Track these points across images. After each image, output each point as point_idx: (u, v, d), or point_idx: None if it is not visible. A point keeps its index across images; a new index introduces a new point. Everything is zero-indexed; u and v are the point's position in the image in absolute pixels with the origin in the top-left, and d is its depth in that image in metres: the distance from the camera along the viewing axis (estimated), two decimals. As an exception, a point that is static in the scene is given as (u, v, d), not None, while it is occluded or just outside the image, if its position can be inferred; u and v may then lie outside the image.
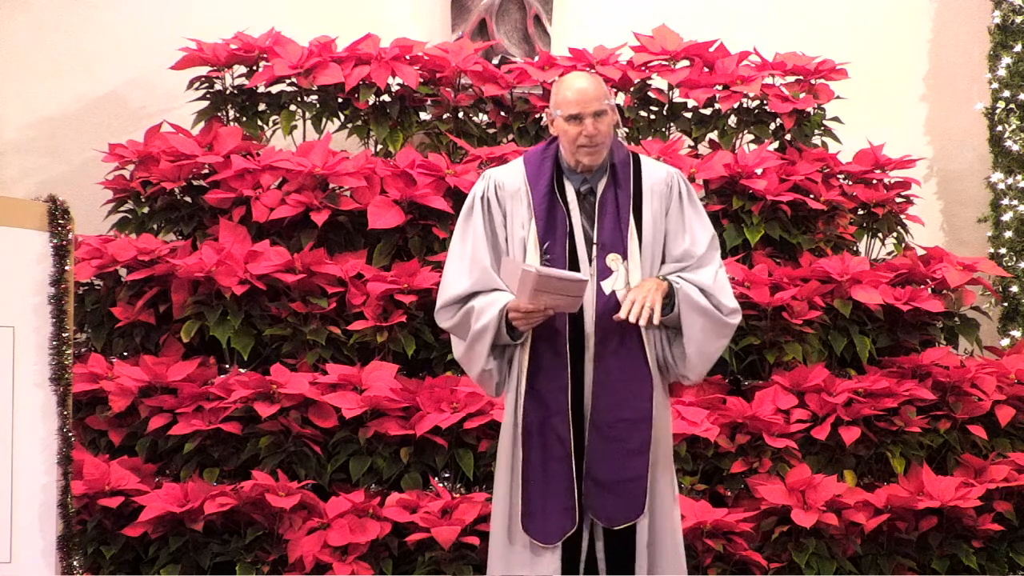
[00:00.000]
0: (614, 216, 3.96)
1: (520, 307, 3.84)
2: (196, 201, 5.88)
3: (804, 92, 6.19)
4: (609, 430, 3.92)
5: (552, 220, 3.97)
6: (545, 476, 3.93)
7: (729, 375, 5.78)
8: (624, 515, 3.93)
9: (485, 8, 6.42)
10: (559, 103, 3.97)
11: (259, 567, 5.13)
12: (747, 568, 5.28)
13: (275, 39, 6.04)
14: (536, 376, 3.95)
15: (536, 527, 3.93)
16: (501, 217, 4.03)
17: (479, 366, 3.98)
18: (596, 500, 3.92)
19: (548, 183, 3.99)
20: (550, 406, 3.93)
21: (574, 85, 3.98)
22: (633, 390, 3.94)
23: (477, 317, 3.93)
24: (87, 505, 5.10)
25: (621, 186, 4.00)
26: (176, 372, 5.38)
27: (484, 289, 3.96)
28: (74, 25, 6.50)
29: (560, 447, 3.92)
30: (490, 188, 4.05)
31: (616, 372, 3.93)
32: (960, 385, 5.65)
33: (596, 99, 3.93)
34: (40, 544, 4.13)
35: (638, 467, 3.93)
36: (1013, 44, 6.58)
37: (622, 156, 4.04)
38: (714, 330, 3.97)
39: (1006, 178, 6.54)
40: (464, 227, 4.05)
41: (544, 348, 3.95)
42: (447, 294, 4.00)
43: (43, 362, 4.15)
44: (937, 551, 5.47)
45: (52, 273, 4.17)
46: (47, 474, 4.15)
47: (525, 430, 3.95)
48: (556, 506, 3.92)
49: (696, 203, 4.08)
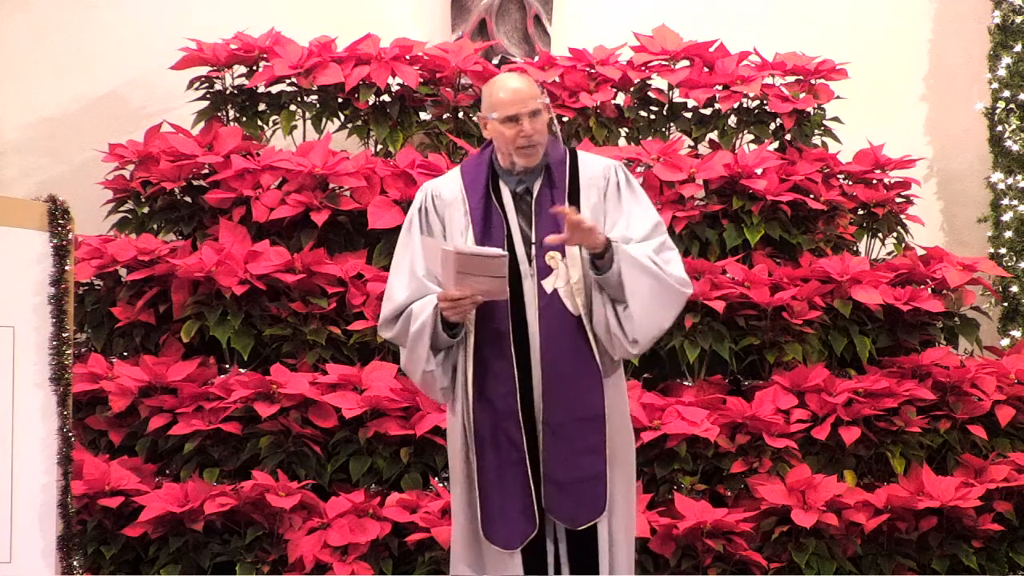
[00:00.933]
0: (551, 214, 3.91)
1: (448, 295, 3.81)
2: (196, 201, 5.88)
3: (804, 92, 6.18)
4: (562, 430, 3.88)
5: (489, 223, 3.95)
6: (501, 481, 3.90)
7: (729, 375, 5.78)
8: (585, 515, 3.90)
9: (485, 8, 6.42)
10: (493, 105, 3.93)
11: (259, 567, 5.13)
12: (747, 568, 5.28)
13: (275, 39, 6.04)
14: (483, 380, 3.92)
15: (497, 533, 3.90)
16: (440, 227, 4.01)
17: (421, 367, 3.93)
18: (556, 502, 3.88)
19: (484, 187, 3.97)
20: (500, 410, 3.90)
21: (508, 85, 3.95)
22: (582, 388, 3.91)
23: (414, 319, 3.91)
24: (87, 505, 5.10)
25: (557, 184, 3.97)
26: (176, 372, 5.38)
27: (420, 297, 3.94)
28: (74, 25, 6.50)
29: (514, 451, 3.89)
30: (427, 199, 4.05)
31: (564, 371, 3.89)
32: (960, 385, 5.65)
33: (531, 98, 3.90)
34: (40, 544, 4.13)
35: (595, 466, 3.90)
36: (1013, 44, 6.58)
37: (558, 155, 4.01)
38: (664, 292, 3.88)
39: (1006, 178, 6.53)
40: (404, 240, 4.04)
41: (489, 352, 3.91)
42: (387, 308, 3.99)
43: (43, 362, 4.16)
44: (937, 551, 5.47)
45: (52, 273, 4.17)
46: (47, 474, 4.15)
47: (478, 436, 3.92)
48: (515, 510, 3.88)
49: (636, 190, 4.03)
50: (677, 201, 5.83)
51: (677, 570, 5.25)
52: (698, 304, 5.57)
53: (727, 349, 5.60)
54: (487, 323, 3.90)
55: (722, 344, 5.59)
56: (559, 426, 3.88)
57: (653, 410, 5.40)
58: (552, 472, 3.88)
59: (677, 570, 5.25)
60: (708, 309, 5.59)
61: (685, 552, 5.26)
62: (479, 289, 3.79)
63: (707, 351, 5.60)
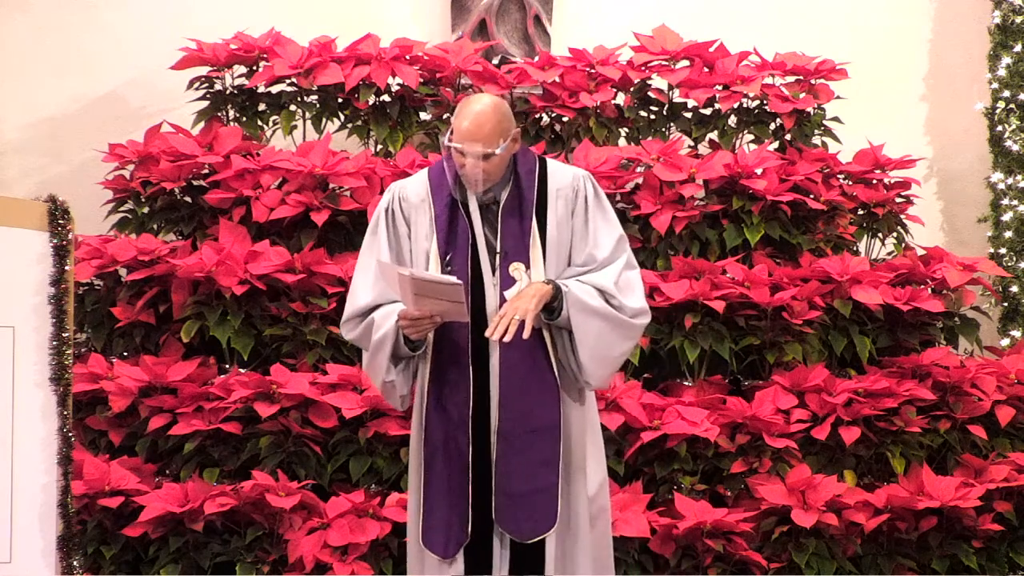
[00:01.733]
0: (517, 225, 3.90)
1: (408, 314, 3.80)
2: (196, 201, 5.88)
3: (804, 92, 6.18)
4: (516, 441, 3.86)
5: (454, 231, 3.91)
6: (445, 489, 3.89)
7: (729, 375, 5.78)
8: (532, 528, 3.87)
9: (485, 8, 6.42)
10: (453, 126, 3.87)
11: (259, 567, 5.13)
12: (747, 568, 5.28)
13: (275, 39, 6.04)
14: (440, 388, 3.91)
15: (434, 540, 3.90)
16: (406, 228, 3.99)
17: (380, 377, 3.94)
18: (506, 513, 3.86)
19: (450, 194, 3.93)
20: (453, 418, 3.89)
21: (469, 116, 3.83)
22: (539, 399, 3.89)
23: (376, 328, 3.90)
24: (87, 505, 5.10)
25: (524, 195, 3.92)
26: (176, 372, 5.38)
27: (385, 302, 3.92)
28: (74, 25, 6.50)
29: (460, 460, 3.88)
30: (395, 201, 4.01)
31: (521, 382, 3.87)
32: (960, 385, 5.65)
33: (485, 142, 3.81)
34: (40, 544, 4.13)
35: (547, 478, 3.88)
36: (1013, 44, 6.58)
37: (527, 165, 3.96)
38: (614, 332, 3.87)
39: (1006, 178, 6.53)
40: (370, 241, 4.02)
41: (447, 360, 3.90)
42: (350, 307, 3.98)
43: (43, 362, 4.15)
44: (937, 551, 5.47)
45: (52, 273, 4.17)
46: (47, 474, 4.15)
47: (429, 443, 3.92)
48: (454, 518, 3.87)
49: (603, 204, 3.99)
50: (677, 201, 5.83)
51: (677, 570, 5.25)
52: (698, 304, 5.58)
53: (727, 349, 5.60)
54: (447, 331, 3.88)
55: (722, 344, 5.59)
56: (513, 436, 3.86)
57: (653, 410, 5.40)
58: (504, 483, 3.86)
59: (677, 570, 5.25)
60: (708, 309, 5.59)
61: (685, 552, 5.26)
62: (438, 310, 3.78)
63: (707, 351, 5.60)
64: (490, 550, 3.89)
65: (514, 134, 3.88)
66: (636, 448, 5.35)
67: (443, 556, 3.88)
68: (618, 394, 5.33)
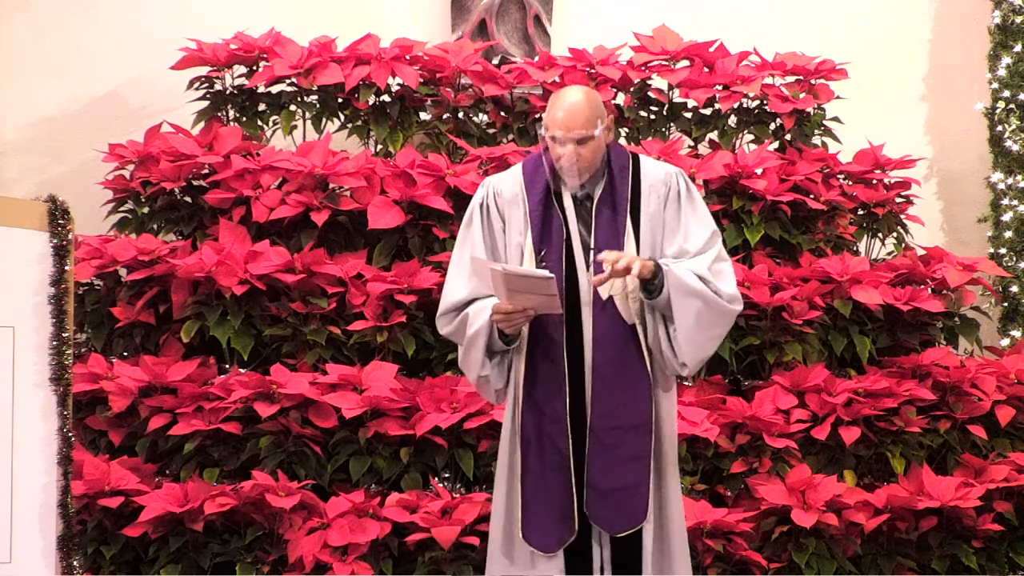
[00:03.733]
0: (611, 221, 3.94)
1: (501, 308, 3.83)
2: (196, 201, 5.88)
3: (804, 92, 6.18)
4: (608, 438, 3.90)
5: (548, 226, 3.95)
6: (544, 486, 3.92)
7: (729, 375, 5.78)
8: (626, 522, 3.92)
9: (485, 8, 6.42)
10: (547, 120, 3.92)
11: (259, 567, 5.13)
12: (747, 568, 5.28)
13: (275, 39, 6.04)
14: (534, 384, 3.94)
15: (535, 536, 3.93)
16: (500, 224, 4.02)
17: (475, 372, 3.98)
18: (598, 508, 3.91)
19: (544, 189, 3.97)
20: (547, 415, 3.92)
21: (564, 105, 3.90)
22: (631, 397, 3.92)
23: (471, 323, 3.93)
24: (87, 505, 5.10)
25: (618, 191, 3.96)
26: (176, 372, 5.38)
27: (479, 296, 3.96)
28: (74, 25, 6.50)
29: (558, 457, 3.91)
30: (489, 195, 4.05)
31: (614, 379, 3.90)
32: (960, 385, 5.65)
33: (582, 125, 3.86)
34: (40, 544, 4.13)
35: (638, 474, 3.91)
36: (1013, 44, 6.57)
37: (621, 160, 4.01)
38: (711, 314, 3.90)
39: (1006, 178, 6.53)
40: (464, 235, 4.06)
41: (541, 356, 3.93)
42: (446, 302, 4.02)
43: (43, 362, 4.15)
44: (937, 551, 5.47)
45: (52, 273, 4.17)
46: (47, 474, 4.15)
47: (524, 439, 3.95)
48: (555, 516, 3.91)
49: (695, 200, 4.04)
50: (677, 201, 5.83)
51: (677, 570, 5.25)
52: (698, 304, 5.57)
53: (727, 349, 5.60)
54: (542, 327, 3.91)
55: (722, 344, 5.59)
56: (605, 433, 3.90)
57: (653, 410, 5.40)
58: (595, 479, 3.90)
59: (677, 570, 5.25)
60: (708, 309, 5.58)
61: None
62: (531, 304, 3.80)
63: (707, 351, 5.60)
64: (588, 549, 3.92)
65: (608, 122, 3.92)
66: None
67: (544, 551, 3.90)
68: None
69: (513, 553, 3.98)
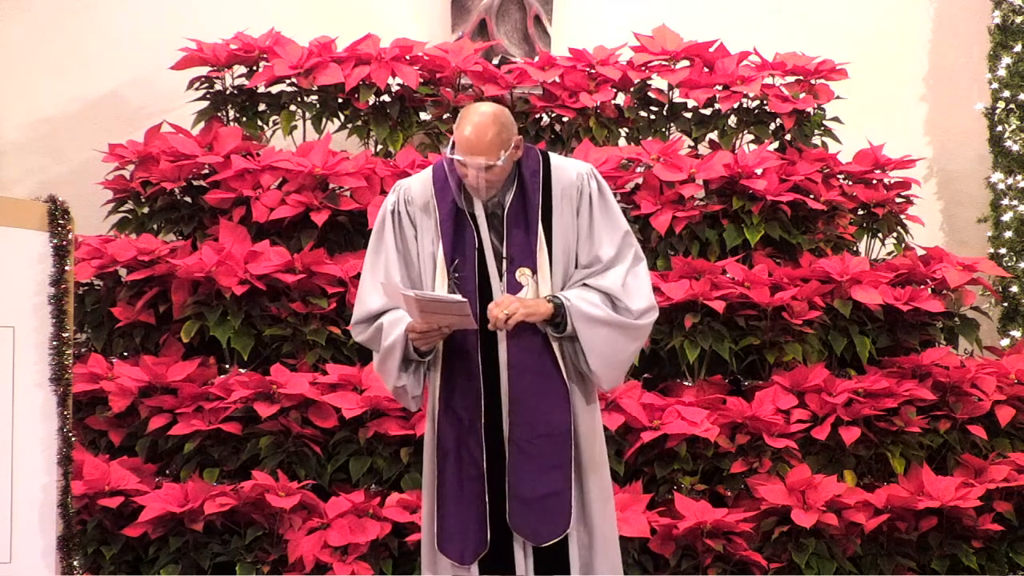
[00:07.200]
0: (523, 229, 3.88)
1: (416, 328, 3.80)
2: (196, 201, 5.88)
3: (804, 92, 6.18)
4: (528, 446, 3.86)
5: (460, 236, 3.89)
6: (461, 497, 3.88)
7: (729, 375, 5.78)
8: (549, 531, 3.87)
9: (485, 8, 6.42)
10: (454, 138, 3.85)
11: (259, 567, 5.13)
12: (747, 568, 5.28)
13: (275, 39, 6.04)
14: (451, 395, 3.90)
15: (451, 548, 3.90)
16: (412, 231, 3.96)
17: (392, 382, 3.95)
18: (520, 518, 3.86)
19: (453, 199, 3.90)
20: (464, 425, 3.88)
21: (468, 130, 3.79)
22: (549, 405, 3.88)
23: (386, 335, 3.89)
24: (87, 505, 5.10)
25: (530, 198, 3.89)
26: (176, 372, 5.38)
27: (393, 306, 3.91)
28: (74, 25, 6.50)
29: (473, 467, 3.87)
30: (400, 202, 3.97)
31: (531, 388, 3.86)
32: (960, 385, 5.65)
33: (485, 153, 3.78)
34: (40, 544, 4.13)
35: (559, 481, 3.87)
36: (1013, 44, 6.57)
37: (531, 166, 3.92)
38: (621, 337, 3.87)
39: (1006, 178, 6.53)
40: (377, 242, 3.99)
41: (457, 367, 3.89)
42: (360, 311, 3.97)
43: (43, 362, 4.16)
44: (937, 551, 5.47)
45: (52, 273, 4.17)
46: (47, 474, 4.15)
47: (441, 450, 3.91)
48: (471, 526, 3.87)
49: (607, 201, 3.95)
50: (677, 201, 5.83)
51: (677, 570, 5.25)
52: (698, 304, 5.58)
53: (727, 349, 5.60)
54: (456, 338, 3.88)
55: (722, 344, 5.59)
56: (525, 442, 3.86)
57: (653, 410, 5.40)
58: (517, 488, 3.86)
59: (677, 570, 5.25)
60: (708, 309, 5.59)
61: (685, 552, 5.26)
62: (445, 322, 3.78)
63: (707, 351, 5.60)
64: (510, 557, 3.87)
65: (515, 142, 3.85)
66: (636, 448, 5.35)
67: (460, 563, 3.88)
68: (618, 394, 5.33)
69: (436, 564, 3.95)
